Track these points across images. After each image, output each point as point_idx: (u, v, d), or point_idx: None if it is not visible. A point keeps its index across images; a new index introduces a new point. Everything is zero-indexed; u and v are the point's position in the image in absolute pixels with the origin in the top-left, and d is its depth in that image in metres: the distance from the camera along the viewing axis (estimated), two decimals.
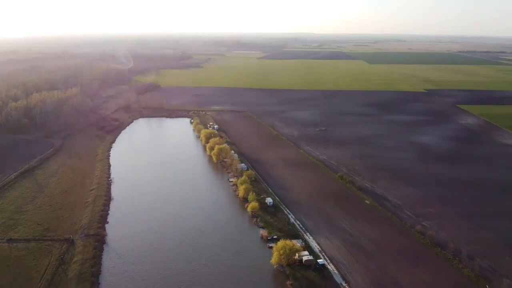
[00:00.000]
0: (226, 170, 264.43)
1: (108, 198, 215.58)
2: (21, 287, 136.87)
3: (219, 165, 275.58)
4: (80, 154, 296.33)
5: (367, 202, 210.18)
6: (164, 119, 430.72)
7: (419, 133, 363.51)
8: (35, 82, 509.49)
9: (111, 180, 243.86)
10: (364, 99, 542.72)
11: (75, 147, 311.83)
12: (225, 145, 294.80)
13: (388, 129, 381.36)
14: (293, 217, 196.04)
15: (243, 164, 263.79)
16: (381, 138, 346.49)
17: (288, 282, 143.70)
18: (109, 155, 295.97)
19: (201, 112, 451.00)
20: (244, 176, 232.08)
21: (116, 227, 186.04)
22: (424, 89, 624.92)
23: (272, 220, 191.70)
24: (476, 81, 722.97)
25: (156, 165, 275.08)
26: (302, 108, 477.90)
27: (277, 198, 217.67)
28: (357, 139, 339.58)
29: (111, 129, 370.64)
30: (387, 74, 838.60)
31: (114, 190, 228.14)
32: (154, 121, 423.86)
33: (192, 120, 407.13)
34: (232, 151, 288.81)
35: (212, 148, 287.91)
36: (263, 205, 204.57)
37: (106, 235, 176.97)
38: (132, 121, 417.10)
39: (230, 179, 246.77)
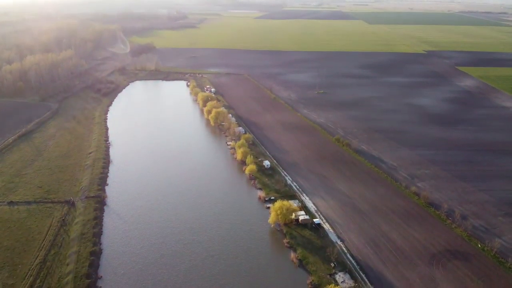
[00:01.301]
0: (224, 133, 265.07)
1: (107, 161, 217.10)
2: (24, 248, 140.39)
3: (217, 128, 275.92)
4: (77, 117, 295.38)
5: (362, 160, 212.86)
6: (160, 81, 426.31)
7: (417, 95, 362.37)
8: (28, 44, 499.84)
9: (109, 143, 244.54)
10: (363, 60, 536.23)
11: (71, 110, 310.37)
12: (222, 108, 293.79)
13: (386, 91, 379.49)
14: (290, 179, 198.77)
15: (240, 128, 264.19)
16: (379, 100, 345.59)
17: (284, 240, 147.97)
18: (106, 118, 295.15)
19: (197, 74, 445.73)
20: (242, 140, 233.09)
21: (116, 189, 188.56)
22: (424, 51, 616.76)
23: (270, 182, 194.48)
24: (477, 42, 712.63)
25: (154, 129, 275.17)
26: (300, 70, 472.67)
27: (274, 160, 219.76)
28: (355, 102, 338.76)
29: (107, 92, 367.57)
30: (387, 34, 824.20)
31: (113, 153, 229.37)
32: (150, 84, 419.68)
33: (188, 83, 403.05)
34: (230, 115, 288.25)
35: (209, 112, 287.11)
36: (260, 168, 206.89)
37: (106, 197, 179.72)
38: (128, 84, 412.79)
39: (228, 143, 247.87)
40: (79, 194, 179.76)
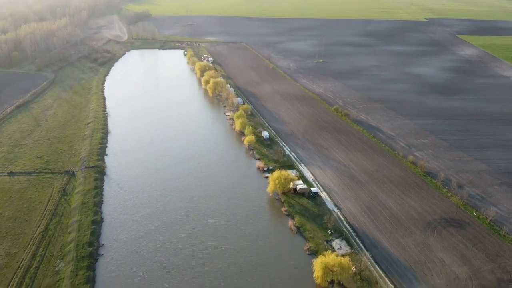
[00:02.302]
0: (222, 104, 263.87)
1: (105, 131, 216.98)
2: (26, 218, 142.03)
3: (215, 98, 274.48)
4: (74, 87, 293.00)
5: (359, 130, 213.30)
6: (157, 50, 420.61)
7: (417, 64, 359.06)
8: (23, 13, 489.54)
9: (107, 113, 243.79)
10: (363, 28, 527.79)
11: (68, 80, 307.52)
12: (220, 78, 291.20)
13: (386, 60, 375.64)
14: (288, 149, 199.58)
15: (239, 98, 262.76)
16: (378, 69, 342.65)
17: (282, 209, 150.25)
18: (103, 88, 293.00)
19: (194, 43, 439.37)
20: (240, 110, 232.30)
21: (115, 159, 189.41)
22: (425, 18, 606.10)
23: (268, 152, 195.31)
24: (478, 10, 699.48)
25: (151, 99, 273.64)
26: (299, 38, 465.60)
27: (273, 131, 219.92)
28: (354, 71, 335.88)
29: (104, 61, 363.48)
30: (388, 2, 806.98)
31: (111, 123, 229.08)
32: (147, 53, 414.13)
33: (185, 52, 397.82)
34: (228, 85, 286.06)
35: (207, 82, 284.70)
36: (259, 138, 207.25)
37: (106, 167, 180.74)
38: (125, 53, 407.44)
39: (227, 113, 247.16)
40: (79, 164, 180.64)
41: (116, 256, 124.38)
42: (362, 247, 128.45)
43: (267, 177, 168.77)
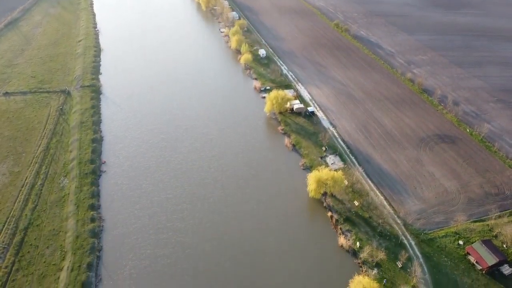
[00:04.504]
0: (217, 19, 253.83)
1: (98, 49, 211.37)
2: (26, 137, 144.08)
3: (209, 13, 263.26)
4: (62, 3, 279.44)
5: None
6: None
7: None
8: None
9: (98, 30, 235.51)
10: None
11: None
12: None
13: None
14: (286, 68, 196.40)
15: (234, 13, 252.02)
16: None
17: (279, 127, 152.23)
18: (92, 3, 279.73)
19: None
20: (236, 26, 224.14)
21: (110, 77, 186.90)
22: None
23: (265, 71, 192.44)
24: None
25: (142, 15, 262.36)
26: None
27: (270, 49, 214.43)
28: None
29: None
30: None
31: (103, 41, 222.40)
32: None
33: None
34: None
35: None
36: (256, 57, 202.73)
37: (101, 85, 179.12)
38: None
39: (221, 29, 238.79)
40: (74, 83, 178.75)
41: (119, 171, 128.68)
42: (355, 162, 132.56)
43: (264, 97, 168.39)
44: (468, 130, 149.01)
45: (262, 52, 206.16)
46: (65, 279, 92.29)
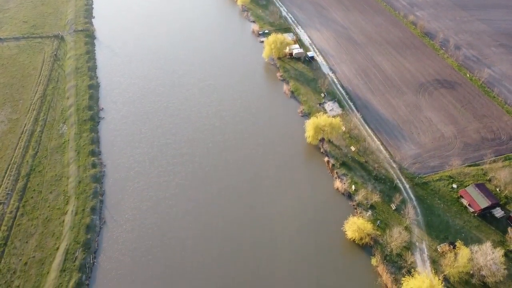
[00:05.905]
0: None
1: None
2: (22, 84, 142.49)
3: None
4: None
5: None
6: None
7: None
8: None
9: None
10: None
11: None
12: None
13: None
14: (285, 10, 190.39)
15: None
16: None
17: (278, 74, 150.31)
18: None
19: None
20: None
21: (104, 21, 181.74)
22: None
23: (264, 14, 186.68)
24: None
25: None
26: None
27: None
28: None
29: None
30: None
31: None
32: None
33: None
34: None
35: None
36: None
37: (95, 30, 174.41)
38: None
39: None
40: (67, 28, 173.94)
41: (118, 117, 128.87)
42: (354, 108, 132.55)
43: (262, 42, 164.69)
44: (468, 75, 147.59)
45: None
46: (69, 222, 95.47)
